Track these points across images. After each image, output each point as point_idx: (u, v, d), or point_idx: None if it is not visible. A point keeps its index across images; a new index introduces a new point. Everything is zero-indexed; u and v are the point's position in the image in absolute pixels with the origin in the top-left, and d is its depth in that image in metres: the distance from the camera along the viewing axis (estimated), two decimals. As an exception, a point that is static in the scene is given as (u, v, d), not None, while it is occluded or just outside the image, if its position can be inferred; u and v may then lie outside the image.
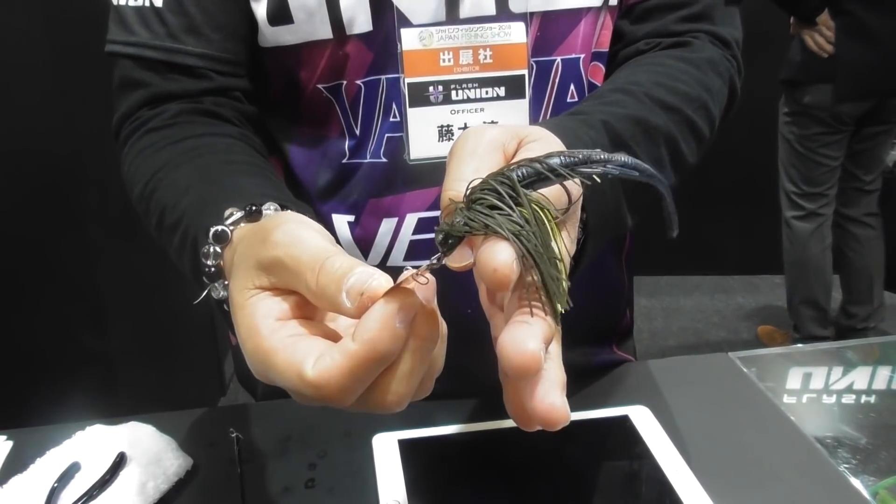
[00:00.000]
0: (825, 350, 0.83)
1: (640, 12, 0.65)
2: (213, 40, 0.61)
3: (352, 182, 0.65)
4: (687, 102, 0.57)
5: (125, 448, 0.60)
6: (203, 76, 0.62)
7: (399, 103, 0.62)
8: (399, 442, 0.62)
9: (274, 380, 0.33)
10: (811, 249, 2.39)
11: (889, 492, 0.62)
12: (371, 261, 0.66)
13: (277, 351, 0.33)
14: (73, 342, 1.62)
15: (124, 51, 0.62)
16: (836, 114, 2.20)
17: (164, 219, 0.52)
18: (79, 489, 0.56)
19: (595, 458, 0.63)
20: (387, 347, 0.30)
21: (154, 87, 0.62)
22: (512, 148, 0.38)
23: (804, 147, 2.30)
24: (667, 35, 0.64)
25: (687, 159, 0.57)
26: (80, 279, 1.63)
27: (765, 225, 2.65)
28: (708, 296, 3.03)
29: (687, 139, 0.56)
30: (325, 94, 0.62)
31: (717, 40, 0.65)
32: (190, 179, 0.53)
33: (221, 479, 0.61)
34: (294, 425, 0.67)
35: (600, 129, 0.50)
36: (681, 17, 0.64)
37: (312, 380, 0.31)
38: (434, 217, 0.64)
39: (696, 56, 0.62)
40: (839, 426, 0.72)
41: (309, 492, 0.60)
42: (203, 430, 0.67)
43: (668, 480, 0.58)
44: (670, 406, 0.68)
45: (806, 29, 2.19)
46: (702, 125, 0.58)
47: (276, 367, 0.33)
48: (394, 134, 0.62)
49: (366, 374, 0.31)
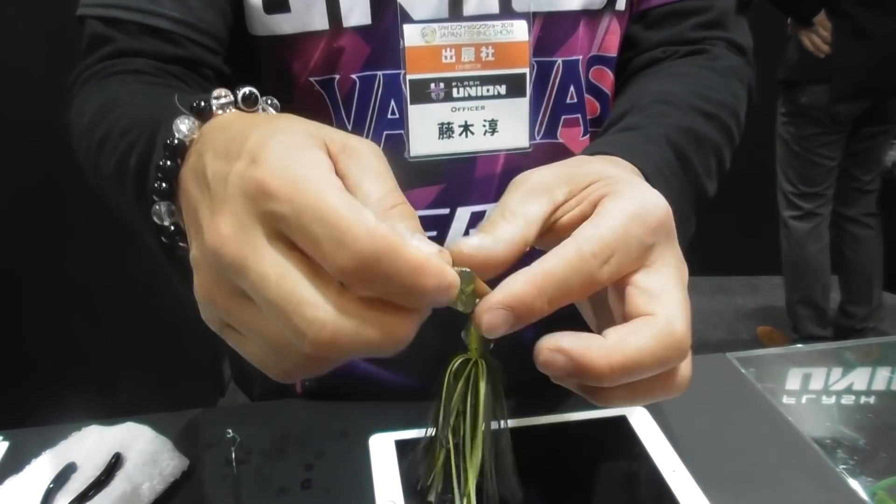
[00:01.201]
0: (824, 351, 0.83)
1: (654, 18, 0.65)
2: (191, 7, 0.59)
3: None
4: (721, 109, 0.57)
5: (121, 449, 0.59)
6: (176, 42, 0.59)
7: (399, 100, 0.61)
8: (396, 442, 0.61)
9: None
10: (809, 249, 2.39)
11: (887, 492, 0.61)
12: None
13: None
14: (71, 343, 1.62)
15: (95, 12, 0.60)
16: (833, 114, 2.20)
17: (106, 145, 0.48)
18: (74, 490, 0.56)
19: (592, 459, 0.63)
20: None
21: (122, 43, 0.59)
22: (560, 196, 0.35)
23: (801, 147, 2.30)
24: (683, 43, 0.65)
25: (726, 165, 0.57)
26: (79, 280, 1.63)
27: (764, 226, 2.64)
28: (707, 296, 3.03)
29: (727, 146, 0.57)
30: (317, 88, 0.62)
31: (733, 47, 0.65)
32: (142, 100, 0.50)
33: (217, 479, 0.61)
34: (291, 426, 0.67)
35: (664, 144, 0.49)
36: (696, 24, 0.65)
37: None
38: (435, 215, 0.63)
39: (718, 64, 0.62)
40: (838, 427, 0.72)
41: (305, 492, 0.60)
42: (200, 430, 0.67)
43: (666, 481, 0.57)
44: (668, 407, 0.68)
45: (803, 29, 2.19)
46: (735, 131, 0.59)
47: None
48: (393, 131, 0.62)
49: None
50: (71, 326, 1.63)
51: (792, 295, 2.50)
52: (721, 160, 0.56)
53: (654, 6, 0.65)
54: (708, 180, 0.53)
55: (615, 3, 0.64)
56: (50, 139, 1.52)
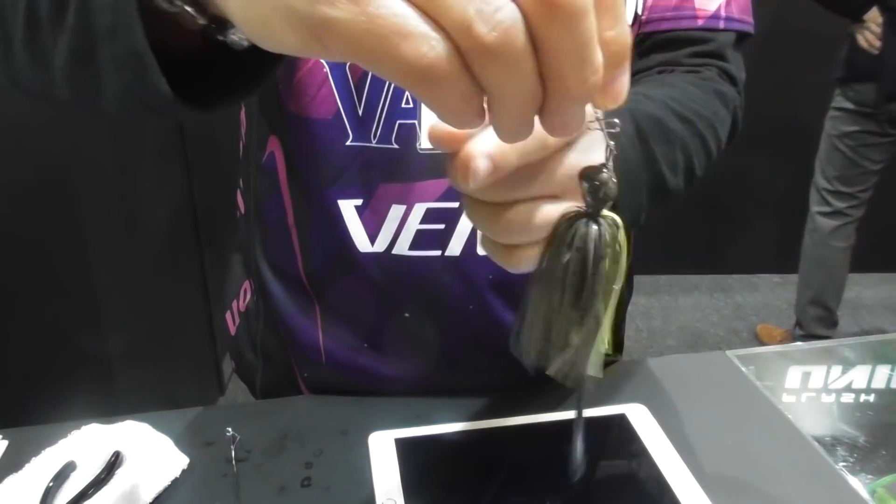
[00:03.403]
0: (823, 348, 0.83)
1: (656, 41, 0.66)
2: None
3: (357, 165, 0.64)
4: (698, 118, 0.58)
5: (121, 447, 0.59)
6: None
7: None
8: (396, 441, 0.62)
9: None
10: (832, 245, 2.34)
11: (887, 490, 0.62)
12: (378, 247, 0.65)
13: None
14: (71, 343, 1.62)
15: None
16: (887, 116, 2.13)
17: None
18: (74, 488, 0.56)
19: (592, 457, 0.63)
20: None
21: None
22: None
23: (845, 145, 2.24)
24: (678, 65, 0.66)
25: (697, 171, 0.57)
26: (77, 280, 1.63)
27: (764, 224, 2.65)
28: (707, 295, 3.02)
29: (698, 152, 0.57)
30: (325, 70, 0.61)
31: (725, 76, 0.67)
32: None
33: (217, 478, 0.61)
34: (291, 424, 0.67)
35: (627, 118, 0.50)
36: (694, 53, 0.66)
37: None
38: (443, 208, 0.63)
39: (705, 84, 0.63)
40: (837, 425, 0.72)
41: (305, 490, 0.60)
42: (199, 429, 0.67)
43: (665, 479, 0.57)
44: (667, 404, 0.68)
45: (855, 25, 2.13)
46: (711, 143, 0.59)
47: None
48: (406, 121, 0.62)
49: None
50: (71, 326, 1.63)
51: (804, 292, 2.45)
52: (690, 162, 0.56)
53: (660, 30, 0.66)
54: (670, 174, 0.52)
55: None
56: (50, 139, 1.52)
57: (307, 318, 0.71)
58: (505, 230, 0.34)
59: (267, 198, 0.70)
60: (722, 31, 0.67)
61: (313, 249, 0.68)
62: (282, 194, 0.68)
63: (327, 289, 0.70)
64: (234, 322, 0.81)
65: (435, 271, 0.65)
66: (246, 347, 0.79)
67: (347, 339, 0.70)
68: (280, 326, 0.73)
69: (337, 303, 0.70)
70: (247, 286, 0.78)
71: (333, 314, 0.70)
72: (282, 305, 0.72)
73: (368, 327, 0.70)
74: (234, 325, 0.82)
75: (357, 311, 0.70)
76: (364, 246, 0.65)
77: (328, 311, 0.70)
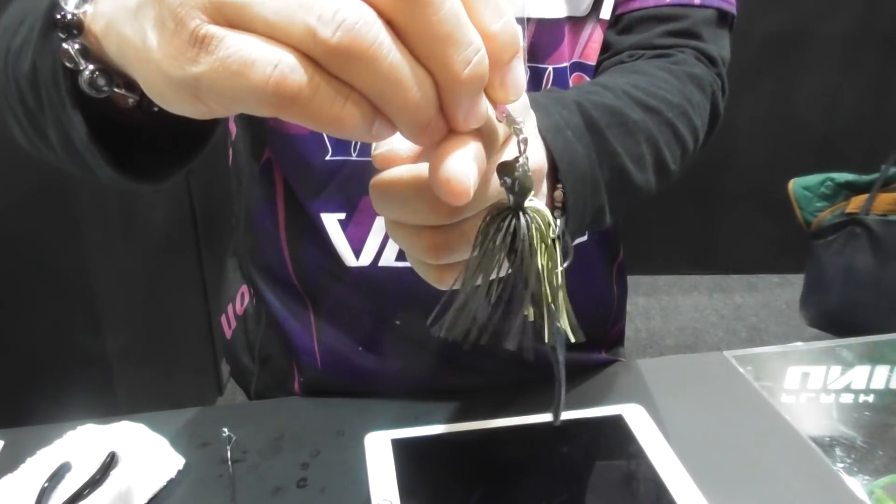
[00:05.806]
0: (822, 349, 0.83)
1: (628, 23, 0.64)
2: None
3: (338, 180, 0.64)
4: (667, 106, 0.55)
5: (116, 448, 0.59)
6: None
7: None
8: (392, 441, 0.61)
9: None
10: None
11: (885, 491, 0.61)
12: (363, 261, 0.65)
13: None
14: (70, 343, 1.61)
15: None
16: None
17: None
18: (69, 489, 0.56)
19: (589, 458, 0.62)
20: None
21: None
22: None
23: None
24: (650, 48, 0.63)
25: (669, 165, 0.55)
26: (77, 281, 1.62)
27: (763, 224, 2.64)
28: (706, 295, 3.02)
29: (669, 143, 0.55)
30: None
31: (703, 56, 0.64)
32: None
33: (213, 478, 0.61)
34: (287, 424, 0.67)
35: (574, 110, 0.48)
36: (666, 31, 0.63)
37: None
38: None
39: (677, 68, 0.61)
40: (836, 425, 0.72)
41: (301, 491, 0.59)
42: (195, 429, 0.67)
43: (662, 480, 0.57)
44: (665, 405, 0.68)
45: None
46: (684, 132, 0.56)
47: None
48: None
49: None
50: (70, 327, 1.62)
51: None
52: (659, 154, 0.53)
53: (629, 10, 0.64)
54: (635, 168, 0.50)
55: (599, 11, 0.63)
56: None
57: (301, 323, 0.71)
58: (445, 250, 0.32)
59: (259, 206, 0.70)
60: (697, 6, 0.64)
61: (303, 260, 0.69)
62: (276, 202, 0.68)
63: (319, 295, 0.70)
64: (230, 326, 0.81)
65: (423, 280, 0.65)
66: (242, 351, 0.79)
67: (342, 343, 0.70)
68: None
69: (330, 309, 0.70)
70: (244, 290, 0.78)
71: (327, 319, 0.70)
72: (276, 310, 0.72)
73: (362, 332, 0.70)
74: (229, 328, 0.81)
75: (350, 317, 0.70)
76: (350, 261, 0.65)
77: (322, 316, 0.70)
